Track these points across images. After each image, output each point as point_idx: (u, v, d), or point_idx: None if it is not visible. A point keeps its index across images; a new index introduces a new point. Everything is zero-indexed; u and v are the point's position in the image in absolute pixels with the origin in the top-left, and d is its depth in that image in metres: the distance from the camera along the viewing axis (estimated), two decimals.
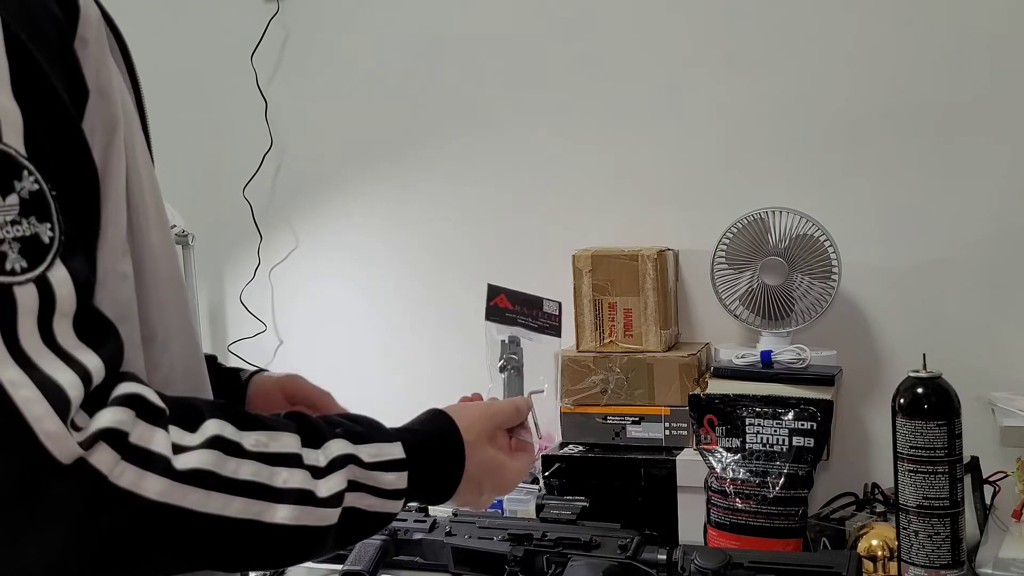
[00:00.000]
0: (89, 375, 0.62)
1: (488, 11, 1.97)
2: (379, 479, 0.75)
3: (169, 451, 0.64)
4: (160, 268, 0.76)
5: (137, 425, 0.63)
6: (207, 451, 0.66)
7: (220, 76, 2.17)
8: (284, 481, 0.69)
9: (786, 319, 1.64)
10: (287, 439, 0.71)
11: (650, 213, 1.87)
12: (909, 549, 1.28)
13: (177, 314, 0.79)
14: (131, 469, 0.62)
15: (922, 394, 1.27)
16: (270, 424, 0.72)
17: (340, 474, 0.72)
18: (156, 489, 0.63)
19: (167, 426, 0.65)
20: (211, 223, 2.11)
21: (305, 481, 0.70)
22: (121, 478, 0.61)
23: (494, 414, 0.89)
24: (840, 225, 1.64)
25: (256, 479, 0.67)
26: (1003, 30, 1.66)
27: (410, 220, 2.05)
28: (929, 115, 1.70)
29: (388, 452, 0.77)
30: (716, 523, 1.43)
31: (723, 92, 1.82)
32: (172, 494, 0.63)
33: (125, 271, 0.72)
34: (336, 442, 0.74)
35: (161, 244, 0.77)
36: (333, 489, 0.71)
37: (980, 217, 1.68)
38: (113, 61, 0.76)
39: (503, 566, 1.34)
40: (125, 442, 0.62)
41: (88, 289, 0.66)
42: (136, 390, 0.65)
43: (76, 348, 0.62)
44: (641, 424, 1.65)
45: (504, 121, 1.97)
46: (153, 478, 0.63)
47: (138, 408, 0.64)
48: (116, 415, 0.62)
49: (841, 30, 1.75)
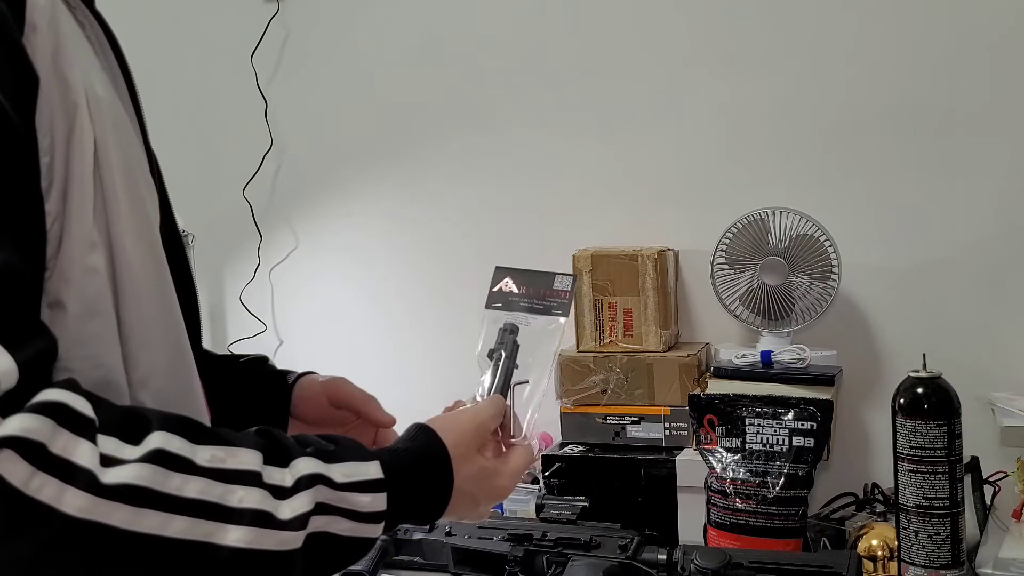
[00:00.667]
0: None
1: (488, 11, 1.97)
2: (352, 500, 0.70)
3: (95, 464, 0.59)
4: (133, 263, 0.72)
5: (58, 435, 0.58)
6: (144, 465, 0.61)
7: (220, 76, 2.17)
8: (239, 500, 0.64)
9: (786, 319, 1.64)
10: (247, 456, 0.66)
11: (650, 213, 1.87)
12: (909, 549, 1.28)
13: (158, 312, 0.75)
14: (51, 482, 0.57)
15: (922, 394, 1.28)
16: (230, 440, 0.67)
17: (306, 494, 0.67)
18: (77, 504, 0.58)
19: (95, 437, 0.60)
20: (211, 223, 2.11)
21: (263, 501, 0.65)
22: (40, 492, 0.57)
23: (480, 422, 0.85)
24: (840, 225, 1.64)
25: (204, 497, 0.63)
26: (1003, 30, 1.66)
27: (410, 220, 2.05)
28: (929, 115, 1.70)
29: (363, 472, 0.72)
30: (716, 523, 1.43)
31: (723, 92, 1.82)
32: (96, 510, 0.58)
33: (94, 265, 0.68)
34: (304, 460, 0.69)
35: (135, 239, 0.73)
36: (297, 511, 0.66)
37: (980, 217, 1.68)
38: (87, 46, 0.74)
39: (503, 566, 1.34)
40: (43, 452, 0.57)
41: (13, 285, 0.61)
42: (59, 397, 0.60)
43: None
44: (641, 424, 1.65)
45: (504, 121, 1.97)
46: (74, 492, 0.58)
47: (60, 417, 0.59)
48: (27, 422, 0.57)
49: (841, 30, 1.75)
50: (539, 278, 1.02)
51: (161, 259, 0.77)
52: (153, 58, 2.25)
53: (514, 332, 0.98)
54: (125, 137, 0.76)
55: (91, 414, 0.61)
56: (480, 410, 0.87)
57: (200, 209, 2.09)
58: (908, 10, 1.70)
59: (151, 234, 0.76)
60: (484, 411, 0.87)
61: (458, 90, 2.00)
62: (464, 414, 0.86)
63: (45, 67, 0.66)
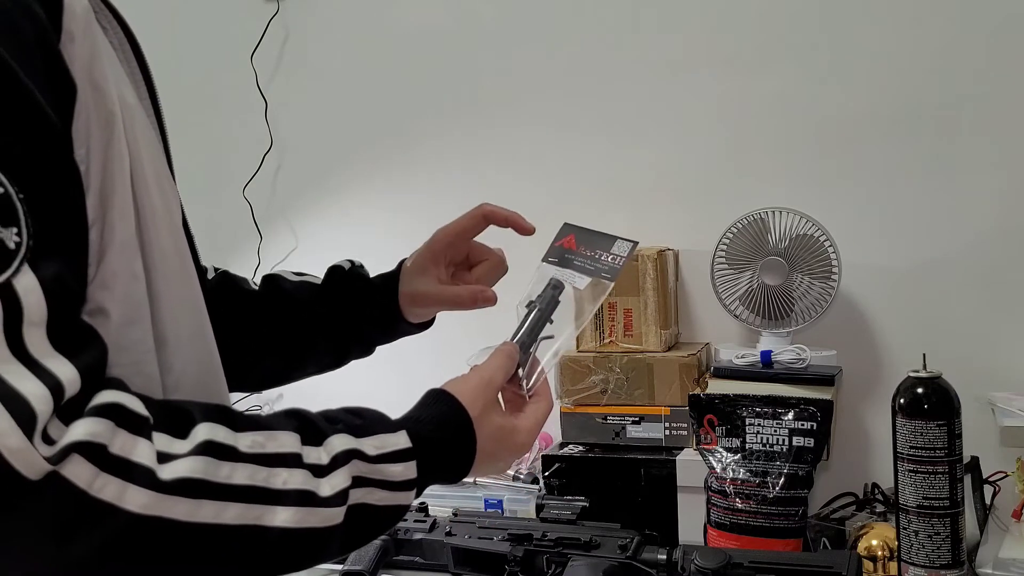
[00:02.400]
0: (60, 386, 0.59)
1: (488, 11, 1.97)
2: (386, 471, 0.73)
3: (153, 461, 0.61)
4: (170, 269, 0.74)
5: (117, 435, 0.61)
6: (197, 458, 0.63)
7: (220, 76, 2.17)
8: (284, 482, 0.66)
9: (786, 319, 1.64)
10: (286, 438, 0.69)
11: (650, 213, 1.87)
12: (909, 549, 1.28)
13: (189, 316, 0.77)
14: (113, 481, 0.59)
15: (922, 394, 1.28)
16: (267, 424, 0.69)
17: (344, 471, 0.70)
18: (140, 502, 0.60)
19: (151, 435, 0.62)
20: (211, 223, 2.11)
21: (306, 481, 0.67)
22: (103, 491, 0.59)
23: (491, 379, 0.86)
24: (840, 225, 1.64)
25: (253, 482, 0.65)
26: (1003, 30, 1.66)
27: (410, 220, 2.05)
28: (929, 115, 1.70)
29: (393, 442, 0.74)
30: (716, 523, 1.43)
31: (723, 92, 1.82)
32: (158, 506, 0.61)
33: (137, 271, 0.70)
34: (338, 437, 0.71)
35: (172, 244, 0.75)
36: (337, 487, 0.69)
37: (980, 217, 1.68)
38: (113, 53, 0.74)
39: (503, 566, 1.34)
40: (104, 454, 0.60)
41: (65, 295, 0.63)
42: (115, 399, 0.62)
43: (48, 357, 0.59)
44: (641, 424, 1.65)
45: (504, 121, 1.97)
46: (136, 490, 0.60)
47: (118, 417, 0.61)
48: (91, 427, 0.60)
49: (841, 30, 1.75)
50: (600, 240, 1.03)
51: (189, 262, 0.79)
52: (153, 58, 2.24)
53: (557, 288, 0.98)
54: (152, 143, 0.77)
55: (145, 412, 0.63)
56: (486, 366, 0.88)
57: (200, 209, 2.09)
58: (908, 10, 1.70)
59: (180, 235, 0.78)
60: (490, 366, 0.87)
61: (458, 90, 2.00)
62: (473, 374, 0.86)
63: (82, 76, 0.67)
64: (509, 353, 0.90)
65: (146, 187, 0.72)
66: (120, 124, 0.69)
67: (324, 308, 1.07)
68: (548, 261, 1.01)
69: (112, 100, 0.69)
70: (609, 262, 1.00)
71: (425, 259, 1.06)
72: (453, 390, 0.83)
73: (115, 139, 0.69)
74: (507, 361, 0.89)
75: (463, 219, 1.06)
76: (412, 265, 1.07)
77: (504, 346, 0.91)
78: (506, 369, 0.88)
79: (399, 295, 1.06)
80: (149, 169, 0.73)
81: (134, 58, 0.80)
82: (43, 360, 0.59)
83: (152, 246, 0.72)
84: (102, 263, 0.68)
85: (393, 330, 1.09)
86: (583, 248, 1.02)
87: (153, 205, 0.73)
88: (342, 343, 1.09)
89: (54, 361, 0.60)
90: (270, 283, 1.09)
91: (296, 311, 1.06)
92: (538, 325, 0.94)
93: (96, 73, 0.68)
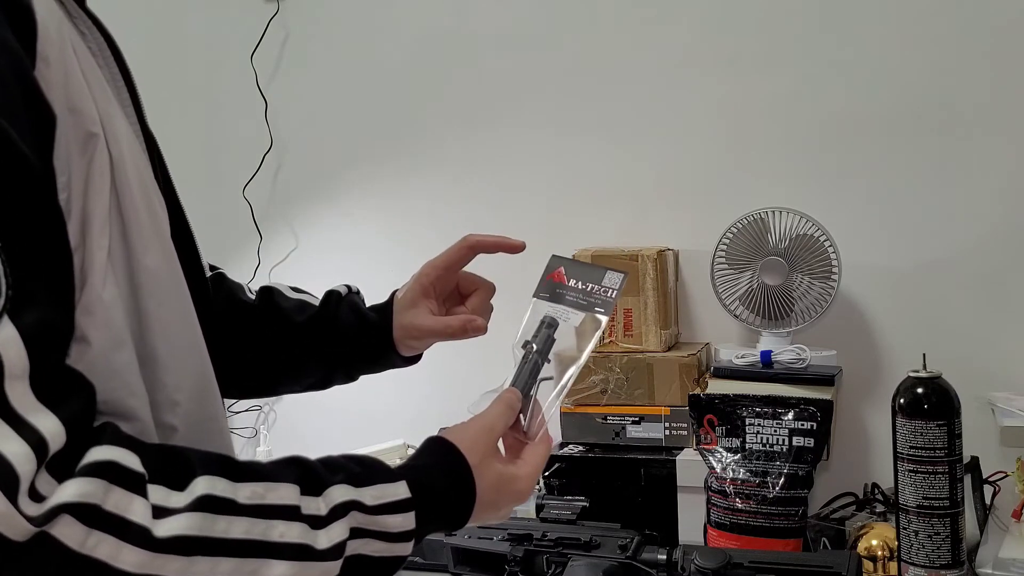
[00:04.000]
0: (44, 442, 0.58)
1: (488, 11, 1.97)
2: (384, 523, 0.72)
3: (148, 519, 0.60)
4: (160, 285, 0.73)
5: (111, 493, 0.60)
6: (193, 514, 0.62)
7: (220, 76, 2.17)
8: (281, 535, 0.65)
9: (786, 319, 1.64)
10: (285, 490, 0.68)
11: (650, 213, 1.87)
12: (909, 549, 1.28)
13: (181, 331, 0.76)
14: (107, 539, 0.59)
15: (922, 394, 1.28)
16: (268, 473, 0.69)
17: (342, 523, 0.69)
18: (134, 560, 0.59)
19: (146, 490, 0.61)
20: (211, 223, 2.10)
21: (304, 534, 0.67)
22: (95, 550, 0.58)
23: (491, 426, 0.84)
24: (840, 225, 1.64)
25: (249, 536, 0.64)
26: (1004, 30, 1.66)
27: (410, 220, 2.05)
28: (929, 115, 1.70)
29: (392, 493, 0.73)
30: (716, 523, 1.43)
31: (723, 92, 1.82)
32: (151, 564, 0.60)
33: (115, 294, 0.69)
34: (338, 488, 0.70)
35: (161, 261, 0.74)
36: (335, 539, 0.68)
37: (980, 217, 1.68)
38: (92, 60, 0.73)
39: (503, 566, 1.34)
40: (98, 512, 0.59)
41: (48, 340, 0.62)
42: (109, 456, 0.61)
43: (32, 411, 0.58)
44: (641, 424, 1.65)
45: (504, 121, 1.97)
46: (130, 549, 0.59)
47: (112, 476, 0.60)
48: (83, 487, 0.59)
49: (841, 30, 1.75)
50: (589, 272, 1.02)
51: (179, 276, 0.77)
52: (153, 58, 2.25)
53: (552, 327, 0.97)
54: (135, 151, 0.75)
55: (140, 468, 0.62)
56: (487, 413, 0.86)
57: (200, 209, 2.09)
58: (907, 10, 1.70)
59: (168, 247, 0.77)
60: (491, 413, 0.86)
61: (458, 90, 2.00)
62: (474, 421, 0.85)
63: (59, 101, 0.65)
64: (510, 402, 0.88)
65: (132, 203, 0.71)
66: (102, 142, 0.68)
67: (319, 335, 1.06)
68: (540, 297, 1.00)
69: (92, 120, 0.68)
70: (602, 295, 1.00)
71: (415, 293, 1.05)
72: (453, 439, 0.81)
73: (95, 161, 0.68)
74: (508, 410, 0.87)
75: (450, 251, 1.06)
76: (403, 298, 1.06)
77: (506, 393, 0.89)
78: (507, 418, 0.87)
79: (393, 328, 1.05)
80: (135, 183, 0.72)
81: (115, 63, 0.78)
82: (26, 415, 0.58)
83: (139, 264, 0.71)
84: (85, 288, 0.67)
85: (384, 363, 1.08)
86: (574, 281, 1.01)
87: (140, 221, 0.71)
88: (330, 369, 1.08)
89: (38, 415, 0.59)
90: (267, 297, 1.08)
91: (291, 332, 1.05)
92: (536, 367, 0.94)
93: (72, 93, 0.67)
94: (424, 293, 1.05)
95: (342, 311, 1.06)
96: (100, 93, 0.72)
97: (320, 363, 1.07)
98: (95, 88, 0.71)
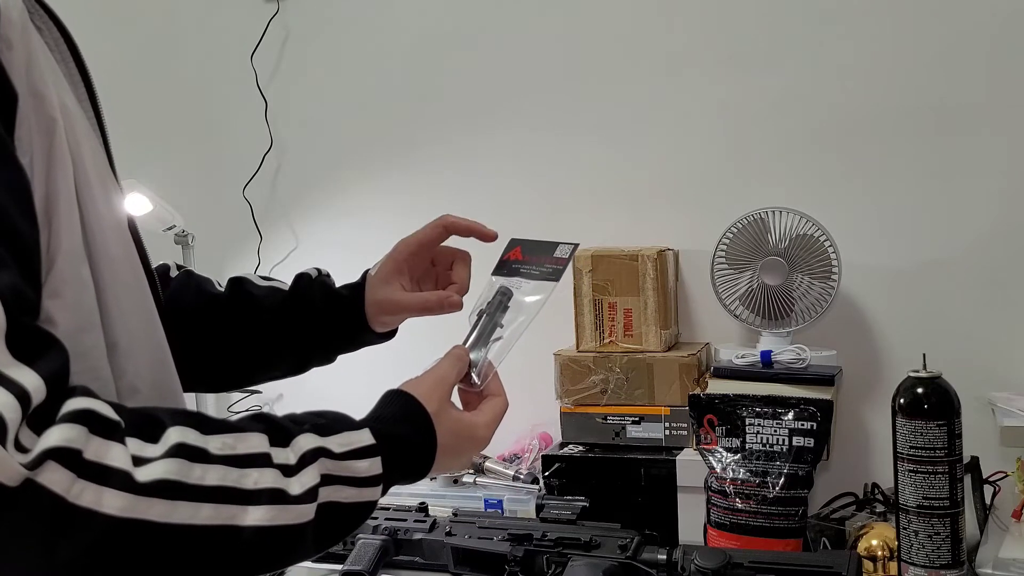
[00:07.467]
0: (27, 393, 0.59)
1: (488, 11, 1.97)
2: (353, 468, 0.74)
3: (129, 464, 0.61)
4: (119, 274, 0.74)
5: (91, 441, 0.60)
6: (170, 460, 0.63)
7: (220, 76, 2.17)
8: (255, 482, 0.67)
9: (786, 319, 1.64)
10: (254, 439, 0.69)
11: (650, 213, 1.87)
12: (909, 549, 1.28)
13: (139, 320, 0.77)
14: (90, 487, 0.59)
15: (922, 394, 1.27)
16: (236, 426, 0.70)
17: (312, 468, 0.71)
18: (118, 505, 0.60)
19: (124, 439, 0.62)
20: (211, 223, 2.11)
21: (276, 480, 0.68)
22: (80, 497, 0.59)
23: (443, 377, 0.88)
24: (840, 225, 1.64)
25: (224, 483, 0.65)
26: (1002, 29, 1.66)
27: (410, 220, 2.04)
28: (929, 115, 1.70)
29: (357, 440, 0.75)
30: (716, 523, 1.43)
31: (723, 92, 1.82)
32: (136, 508, 0.61)
33: (85, 277, 0.70)
34: (304, 437, 0.72)
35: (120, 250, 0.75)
36: (306, 485, 0.70)
37: (980, 217, 1.68)
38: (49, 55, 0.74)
39: (503, 566, 1.34)
40: (80, 459, 0.60)
41: (21, 303, 0.62)
42: (87, 405, 0.62)
43: (10, 367, 0.59)
44: (641, 424, 1.65)
45: (504, 121, 1.97)
46: (113, 494, 0.60)
47: (91, 423, 0.61)
48: (65, 432, 0.60)
49: (841, 30, 1.75)
50: (544, 247, 1.08)
51: (138, 266, 0.79)
52: (153, 58, 2.25)
53: (505, 294, 1.02)
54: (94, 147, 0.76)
55: (116, 417, 0.63)
56: (439, 366, 0.90)
57: (200, 209, 2.10)
58: (907, 10, 1.70)
59: (126, 237, 0.78)
60: (443, 366, 0.90)
61: (458, 90, 2.00)
62: (427, 374, 0.89)
63: (21, 83, 0.66)
64: (458, 355, 0.93)
65: (91, 193, 0.72)
66: (61, 130, 0.69)
67: (291, 317, 1.07)
68: (497, 274, 1.06)
69: (52, 106, 0.69)
70: (552, 265, 1.05)
71: (388, 269, 1.09)
72: (410, 389, 0.85)
73: (56, 145, 0.69)
74: (457, 362, 0.92)
75: (425, 230, 1.10)
76: (376, 275, 1.09)
77: (454, 349, 0.94)
78: (457, 368, 0.91)
79: (365, 304, 1.08)
80: (93, 174, 0.73)
81: (71, 58, 0.79)
82: (6, 370, 0.59)
83: (100, 252, 0.72)
84: (51, 271, 0.67)
85: (357, 340, 1.11)
86: (528, 257, 1.07)
87: (98, 211, 0.73)
88: (305, 351, 1.10)
89: (17, 370, 0.59)
90: (237, 287, 1.09)
91: (263, 318, 1.07)
92: (487, 329, 0.99)
93: (35, 78, 0.68)
94: (397, 270, 1.08)
95: (313, 291, 1.09)
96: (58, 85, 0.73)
97: (295, 345, 1.08)
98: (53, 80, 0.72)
